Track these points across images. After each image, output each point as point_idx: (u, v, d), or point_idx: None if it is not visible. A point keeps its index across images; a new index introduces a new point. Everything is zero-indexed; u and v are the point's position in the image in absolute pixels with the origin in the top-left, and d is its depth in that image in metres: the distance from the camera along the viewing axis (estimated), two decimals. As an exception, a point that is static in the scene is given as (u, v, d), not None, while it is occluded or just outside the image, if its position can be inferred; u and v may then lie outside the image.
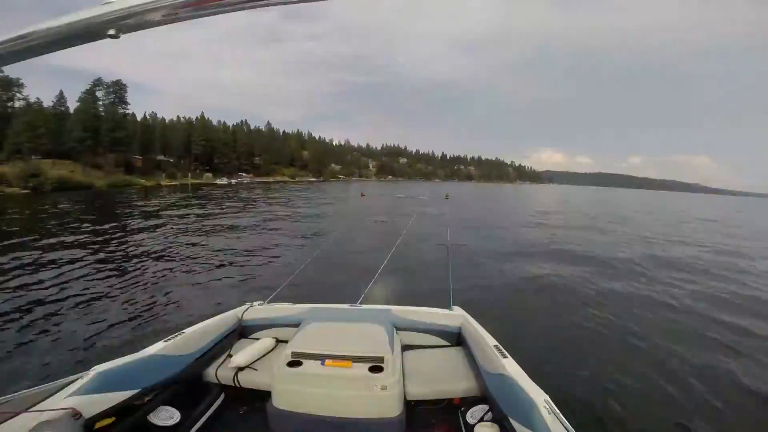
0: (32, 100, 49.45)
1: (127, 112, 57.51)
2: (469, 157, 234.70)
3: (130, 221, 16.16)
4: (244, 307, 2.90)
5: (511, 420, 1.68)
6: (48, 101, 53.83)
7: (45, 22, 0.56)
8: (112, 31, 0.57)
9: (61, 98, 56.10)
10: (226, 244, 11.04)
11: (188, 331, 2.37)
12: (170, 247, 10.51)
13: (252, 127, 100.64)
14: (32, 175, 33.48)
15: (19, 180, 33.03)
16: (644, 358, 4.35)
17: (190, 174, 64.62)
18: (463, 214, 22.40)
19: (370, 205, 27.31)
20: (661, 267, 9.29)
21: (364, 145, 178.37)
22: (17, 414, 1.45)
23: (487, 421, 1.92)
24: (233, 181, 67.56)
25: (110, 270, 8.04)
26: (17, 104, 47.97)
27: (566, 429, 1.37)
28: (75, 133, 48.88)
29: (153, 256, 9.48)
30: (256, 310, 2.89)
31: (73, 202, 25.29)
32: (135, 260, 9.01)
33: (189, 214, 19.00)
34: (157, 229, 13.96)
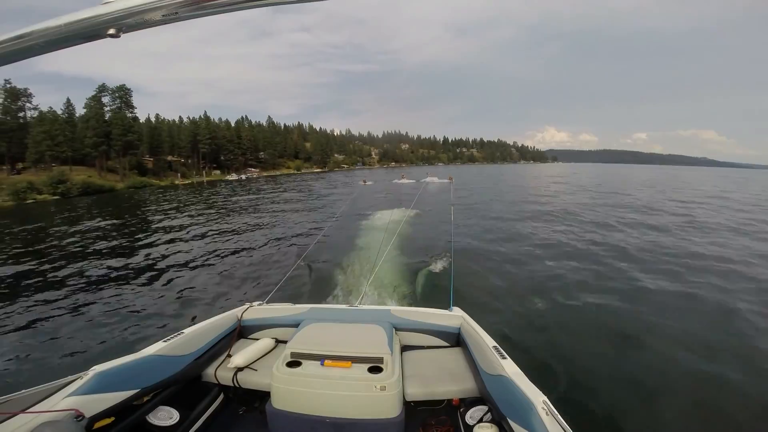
0: (44, 109, 51.09)
1: (135, 115, 58.99)
2: (471, 140, 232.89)
3: (169, 219, 17.65)
4: (243, 308, 2.92)
5: (510, 421, 1.69)
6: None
7: (45, 22, 0.57)
8: (112, 31, 0.57)
9: (69, 105, 57.70)
10: (235, 240, 11.38)
11: (187, 331, 2.39)
12: (187, 244, 11.20)
13: (253, 123, 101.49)
14: (59, 181, 35.46)
15: (48, 187, 35.03)
16: (645, 358, 4.33)
17: (204, 172, 67.67)
18: (468, 199, 22.11)
19: (371, 191, 27.53)
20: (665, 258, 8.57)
21: (365, 134, 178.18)
22: (17, 414, 1.45)
23: (486, 422, 1.93)
24: (243, 177, 70.24)
25: (126, 271, 8.51)
26: (29, 114, 49.72)
27: (564, 430, 1.38)
28: (88, 139, 50.55)
29: (168, 252, 10.08)
30: (255, 310, 2.90)
31: (113, 205, 26.87)
32: (155, 256, 9.73)
33: (210, 211, 20.08)
34: (183, 226, 14.78)
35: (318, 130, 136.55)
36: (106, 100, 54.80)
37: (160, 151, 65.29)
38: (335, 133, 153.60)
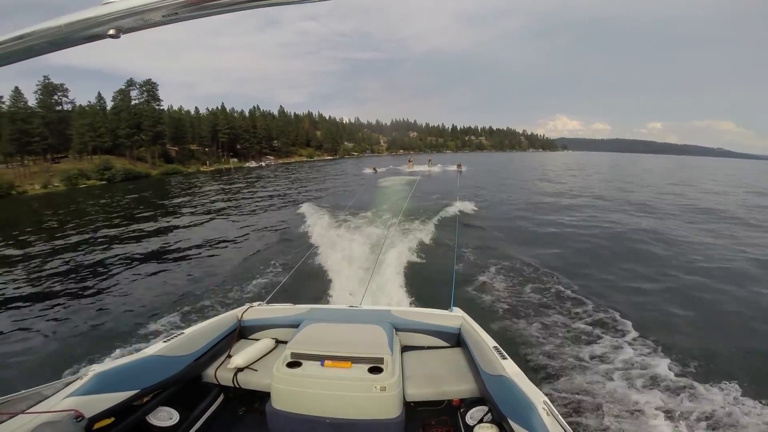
0: (82, 103, 55.32)
1: (161, 107, 63.04)
2: (479, 128, 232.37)
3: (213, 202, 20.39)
4: (243, 308, 2.95)
5: (510, 421, 1.71)
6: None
7: (45, 22, 0.57)
8: (112, 31, 0.57)
9: (100, 99, 61.96)
10: (236, 239, 11.83)
11: (188, 331, 2.43)
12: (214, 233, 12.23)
13: (264, 112, 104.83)
14: (105, 168, 40.11)
15: (95, 173, 39.71)
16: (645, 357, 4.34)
17: (230, 160, 73.98)
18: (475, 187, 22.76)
19: (379, 178, 28.45)
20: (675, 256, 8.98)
21: (373, 122, 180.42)
22: (17, 414, 1.47)
23: (486, 422, 1.96)
24: (263, 164, 75.80)
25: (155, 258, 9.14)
26: (65, 107, 53.88)
27: (564, 430, 1.39)
28: (121, 130, 54.79)
29: (176, 246, 10.59)
30: (255, 311, 2.94)
31: (157, 188, 30.65)
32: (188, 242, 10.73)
33: (234, 198, 21.83)
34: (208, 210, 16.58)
35: (327, 118, 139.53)
36: (134, 93, 58.90)
37: (184, 140, 69.60)
38: (344, 122, 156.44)
